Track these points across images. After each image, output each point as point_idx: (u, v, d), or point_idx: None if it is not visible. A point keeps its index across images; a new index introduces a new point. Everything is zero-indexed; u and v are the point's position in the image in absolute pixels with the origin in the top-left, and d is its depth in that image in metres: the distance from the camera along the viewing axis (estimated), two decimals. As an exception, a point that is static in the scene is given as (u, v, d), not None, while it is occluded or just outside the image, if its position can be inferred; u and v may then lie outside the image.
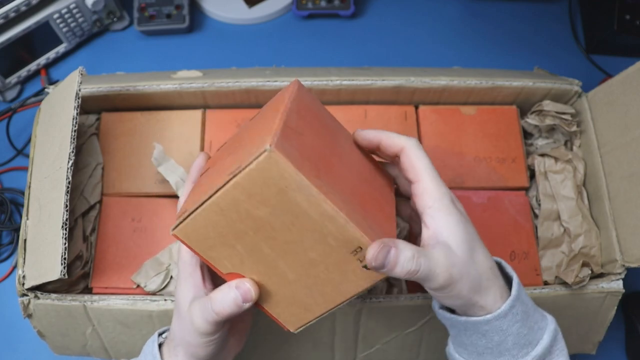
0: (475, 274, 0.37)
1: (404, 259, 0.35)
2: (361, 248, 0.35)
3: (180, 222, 0.37)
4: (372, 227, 0.36)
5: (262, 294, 0.39)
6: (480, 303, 0.38)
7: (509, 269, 0.41)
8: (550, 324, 0.40)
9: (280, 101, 0.39)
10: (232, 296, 0.37)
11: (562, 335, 0.41)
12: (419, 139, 0.61)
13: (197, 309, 0.39)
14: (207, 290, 0.41)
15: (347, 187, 0.37)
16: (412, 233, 0.51)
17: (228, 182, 0.34)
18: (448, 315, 0.41)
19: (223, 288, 0.38)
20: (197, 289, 0.40)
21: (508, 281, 0.40)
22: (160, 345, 0.43)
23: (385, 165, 0.47)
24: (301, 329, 0.41)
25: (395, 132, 0.42)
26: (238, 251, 0.37)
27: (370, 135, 0.42)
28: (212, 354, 0.40)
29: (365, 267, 0.36)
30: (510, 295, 0.38)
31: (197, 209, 0.36)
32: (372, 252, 0.34)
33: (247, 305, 0.38)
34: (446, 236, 0.37)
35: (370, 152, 0.45)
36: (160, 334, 0.44)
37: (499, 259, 0.42)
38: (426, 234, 0.38)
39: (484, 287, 0.38)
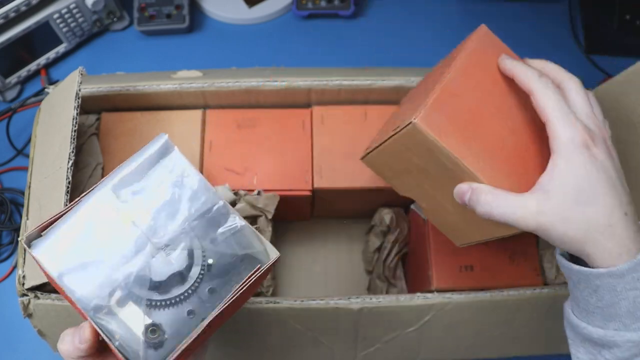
0: (581, 223, 0.35)
1: (481, 200, 0.38)
2: None
3: (367, 154, 0.49)
4: (518, 186, 0.40)
5: (432, 216, 0.49)
6: (589, 253, 0.36)
7: None
8: None
9: (457, 55, 0.45)
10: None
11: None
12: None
13: None
14: None
15: (495, 142, 0.42)
16: None
17: (390, 137, 0.44)
18: (564, 262, 0.39)
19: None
20: None
21: None
22: None
23: None
24: (466, 245, 0.48)
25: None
26: (409, 182, 0.47)
27: (507, 67, 0.42)
28: None
29: None
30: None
31: (374, 149, 0.48)
32: (455, 189, 0.40)
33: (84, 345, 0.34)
34: (552, 183, 0.36)
35: None
36: None
37: None
38: (541, 177, 0.38)
39: (592, 240, 0.35)
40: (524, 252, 0.57)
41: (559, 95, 0.38)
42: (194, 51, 0.80)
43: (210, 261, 0.36)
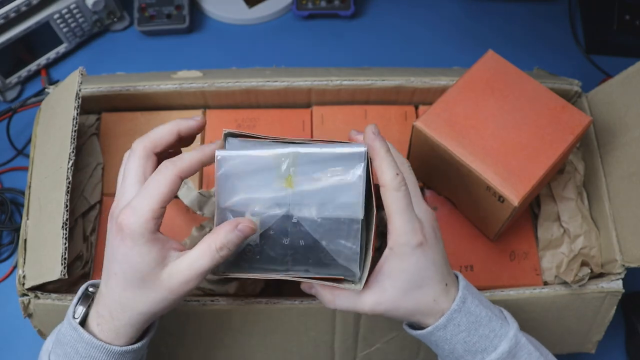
0: (410, 307, 0.41)
1: (324, 297, 0.42)
2: (489, 187, 0.49)
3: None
4: (503, 172, 0.49)
5: (464, 212, 0.57)
6: (419, 321, 0.42)
7: (460, 284, 0.42)
8: (510, 331, 0.41)
9: (464, 74, 0.54)
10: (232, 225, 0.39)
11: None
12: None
13: (185, 264, 0.38)
14: (175, 248, 0.39)
15: (490, 141, 0.50)
16: None
17: (410, 142, 0.55)
18: (404, 327, 0.45)
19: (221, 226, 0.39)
20: (164, 250, 0.38)
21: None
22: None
23: None
24: (496, 236, 0.56)
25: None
26: (439, 182, 0.57)
27: (370, 148, 0.41)
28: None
29: (498, 199, 0.49)
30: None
31: (407, 157, 0.57)
32: (302, 286, 0.44)
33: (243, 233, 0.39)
34: (388, 278, 0.40)
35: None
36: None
37: (457, 274, 0.44)
38: (377, 272, 0.41)
39: (420, 313, 0.41)
40: (524, 252, 0.57)
41: (409, 196, 0.40)
42: (194, 51, 0.80)
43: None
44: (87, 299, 0.41)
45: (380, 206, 0.41)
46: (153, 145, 0.42)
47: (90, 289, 0.42)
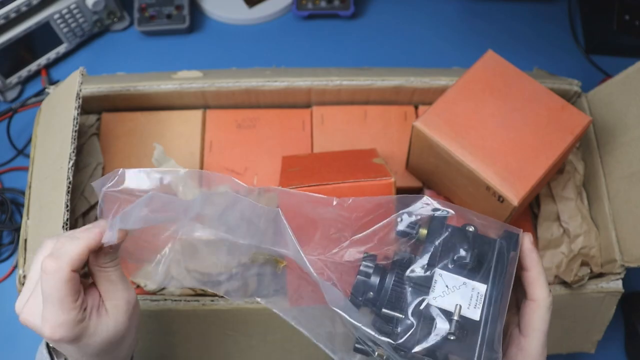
0: None
1: None
2: (489, 187, 0.49)
3: (407, 163, 0.59)
4: (502, 172, 0.49)
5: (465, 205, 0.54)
6: None
7: None
8: None
9: (464, 74, 0.54)
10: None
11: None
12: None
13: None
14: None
15: (490, 140, 0.50)
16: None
17: (410, 142, 0.56)
18: None
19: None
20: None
21: None
22: None
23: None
24: None
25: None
26: (438, 181, 0.57)
27: (527, 258, 0.39)
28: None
29: (498, 199, 0.50)
30: None
31: (407, 157, 0.58)
32: None
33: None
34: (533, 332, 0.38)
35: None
36: None
37: None
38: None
39: None
40: (524, 252, 0.57)
41: (548, 319, 0.39)
42: (194, 51, 0.80)
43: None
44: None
45: None
46: (70, 267, 0.36)
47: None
